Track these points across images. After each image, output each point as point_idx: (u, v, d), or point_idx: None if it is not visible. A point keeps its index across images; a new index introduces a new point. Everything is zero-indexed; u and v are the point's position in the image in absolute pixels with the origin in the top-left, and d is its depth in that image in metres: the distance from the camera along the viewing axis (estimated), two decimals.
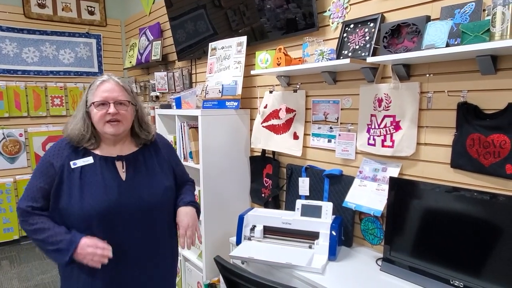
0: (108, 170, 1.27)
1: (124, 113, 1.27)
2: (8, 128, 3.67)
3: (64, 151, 1.28)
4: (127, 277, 1.27)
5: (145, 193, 1.29)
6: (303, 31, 2.06)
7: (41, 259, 3.48)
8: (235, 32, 2.54)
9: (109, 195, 1.23)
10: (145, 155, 1.37)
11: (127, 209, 1.25)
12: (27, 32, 3.68)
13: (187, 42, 3.05)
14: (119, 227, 1.24)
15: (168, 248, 1.38)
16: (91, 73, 4.12)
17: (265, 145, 2.36)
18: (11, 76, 3.65)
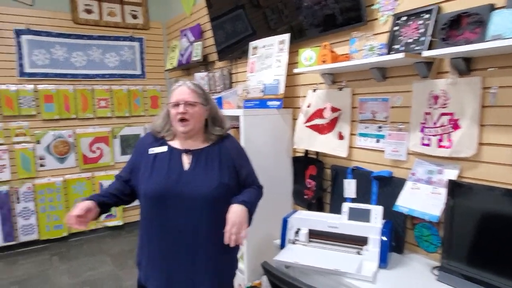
0: (175, 160, 1.47)
1: (192, 112, 1.46)
2: (59, 129, 3.85)
3: (147, 140, 1.57)
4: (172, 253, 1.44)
5: (199, 185, 1.43)
6: (349, 26, 1.97)
7: (89, 255, 3.62)
8: (274, 31, 2.50)
9: (169, 181, 1.42)
10: (209, 152, 1.51)
11: (180, 195, 1.41)
12: (76, 37, 3.84)
13: (227, 42, 3.04)
14: (171, 210, 1.42)
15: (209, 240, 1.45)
16: (134, 75, 4.23)
17: (309, 145, 2.29)
18: (61, 80, 3.83)
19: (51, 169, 3.85)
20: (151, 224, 1.47)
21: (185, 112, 1.45)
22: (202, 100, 1.50)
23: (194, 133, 1.51)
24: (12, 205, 3.65)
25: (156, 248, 1.46)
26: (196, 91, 1.50)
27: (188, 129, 1.47)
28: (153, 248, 1.47)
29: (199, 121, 1.50)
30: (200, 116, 1.50)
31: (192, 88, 1.50)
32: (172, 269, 1.45)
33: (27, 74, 3.66)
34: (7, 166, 3.60)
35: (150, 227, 1.47)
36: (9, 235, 3.64)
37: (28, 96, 3.66)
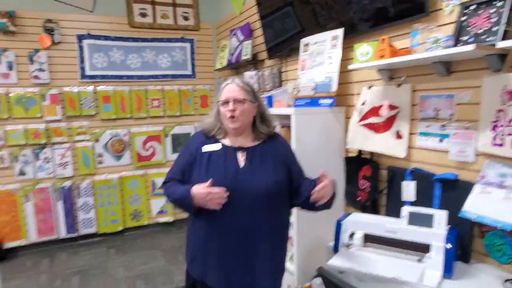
0: (230, 157, 1.50)
1: (241, 109, 1.48)
2: (115, 128, 4.04)
3: (199, 138, 1.58)
4: (231, 249, 1.46)
5: (256, 182, 1.45)
6: (409, 18, 1.85)
7: (142, 250, 3.76)
8: (323, 28, 2.42)
9: (226, 178, 1.45)
10: (262, 150, 1.53)
11: (238, 192, 1.43)
12: (131, 40, 4.01)
13: (277, 40, 3.01)
14: (228, 205, 1.43)
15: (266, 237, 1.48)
16: (185, 75, 4.33)
17: (363, 145, 2.19)
18: (117, 82, 4.02)
19: (108, 166, 4.05)
20: (208, 221, 1.48)
21: (234, 109, 1.47)
22: (250, 97, 1.52)
23: (243, 129, 1.53)
24: (74, 200, 3.90)
25: (214, 245, 1.48)
26: (244, 88, 1.52)
27: (238, 126, 1.50)
28: (211, 245, 1.49)
29: (247, 118, 1.52)
30: (249, 113, 1.52)
31: (241, 85, 1.52)
32: (231, 266, 1.47)
33: (87, 77, 3.88)
34: (69, 163, 3.85)
35: (208, 224, 1.49)
36: (72, 227, 3.89)
37: (88, 97, 3.88)
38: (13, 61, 3.57)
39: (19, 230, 3.68)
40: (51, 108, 3.73)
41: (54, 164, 3.79)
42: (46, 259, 3.59)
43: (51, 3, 3.69)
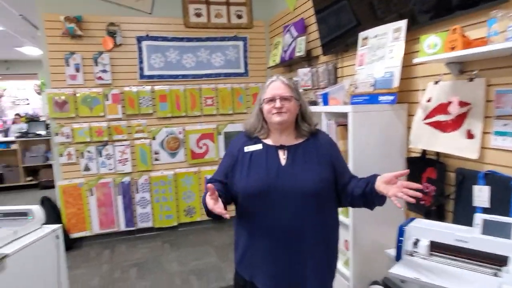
0: (272, 156, 1.47)
1: (287, 106, 1.46)
2: (170, 126, 4.17)
3: (241, 140, 1.57)
4: (278, 249, 1.43)
5: (299, 179, 1.41)
6: (485, 5, 1.66)
7: (195, 246, 3.84)
8: (381, 21, 2.28)
9: (269, 177, 1.42)
10: (305, 147, 1.50)
11: (281, 190, 1.41)
12: (187, 40, 4.11)
13: (332, 35, 2.89)
14: (273, 205, 1.41)
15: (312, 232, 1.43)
16: (238, 74, 4.35)
17: (428, 144, 2.02)
18: (173, 81, 4.14)
19: (164, 163, 4.19)
20: (252, 222, 1.46)
21: (281, 107, 1.45)
22: (295, 95, 1.50)
23: (287, 126, 1.51)
24: (132, 195, 4.08)
25: (259, 246, 1.45)
26: (290, 85, 1.50)
27: (284, 120, 1.46)
28: (256, 246, 1.46)
29: (292, 115, 1.49)
30: (294, 110, 1.50)
31: (286, 83, 1.50)
32: (276, 268, 1.44)
33: (146, 77, 4.04)
34: (129, 160, 4.03)
35: (252, 225, 1.46)
36: (130, 221, 4.08)
37: (146, 96, 4.03)
38: (80, 63, 3.82)
39: (84, 221, 3.93)
40: (112, 107, 3.93)
41: (115, 160, 3.99)
42: (107, 250, 3.80)
43: (114, 7, 3.89)
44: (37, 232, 1.99)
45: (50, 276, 2.04)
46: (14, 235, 1.85)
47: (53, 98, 3.76)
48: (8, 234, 1.82)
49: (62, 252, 2.13)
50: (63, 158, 3.83)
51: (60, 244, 2.11)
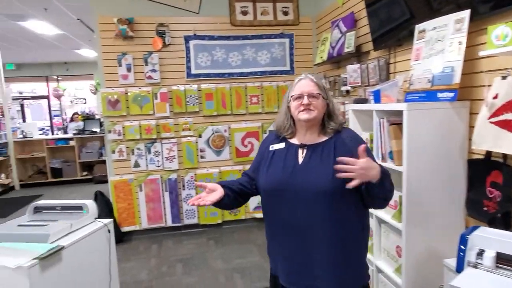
0: (290, 154, 1.50)
1: (315, 103, 1.46)
2: (216, 125, 4.21)
3: (270, 138, 1.63)
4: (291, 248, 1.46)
5: (312, 178, 1.41)
6: None
7: (238, 243, 3.85)
8: (438, 12, 2.11)
9: (283, 174, 1.46)
10: (325, 146, 1.48)
11: (294, 188, 1.42)
12: (233, 38, 4.12)
13: (384, 29, 2.74)
14: (286, 202, 1.44)
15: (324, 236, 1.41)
16: (284, 71, 4.29)
17: (494, 145, 1.83)
18: (219, 79, 4.17)
19: (209, 161, 4.24)
20: (270, 218, 1.53)
21: (309, 104, 1.45)
22: (323, 93, 1.49)
23: (314, 123, 1.50)
24: (179, 191, 4.17)
25: (277, 242, 1.52)
26: (318, 84, 1.50)
27: (312, 117, 1.45)
28: (275, 242, 1.53)
29: (320, 113, 1.48)
30: (322, 109, 1.48)
31: (315, 81, 1.50)
32: (290, 266, 1.47)
33: (193, 75, 4.10)
34: (175, 157, 4.12)
35: (270, 221, 1.53)
36: (177, 217, 4.17)
37: (193, 95, 4.10)
38: (131, 64, 3.96)
39: (134, 216, 4.08)
40: (161, 105, 4.04)
41: (162, 158, 4.10)
42: (155, 244, 3.91)
43: (163, 8, 3.99)
44: (90, 226, 2.07)
45: (101, 268, 2.12)
46: (70, 228, 1.93)
47: (106, 97, 3.94)
48: (65, 227, 1.90)
49: (113, 246, 2.21)
50: (115, 154, 4.00)
51: (111, 238, 2.19)
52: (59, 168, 7.41)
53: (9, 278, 1.57)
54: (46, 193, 6.63)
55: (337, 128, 1.51)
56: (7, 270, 1.55)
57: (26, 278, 1.56)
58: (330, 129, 1.50)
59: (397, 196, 2.13)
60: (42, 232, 1.80)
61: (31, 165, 7.51)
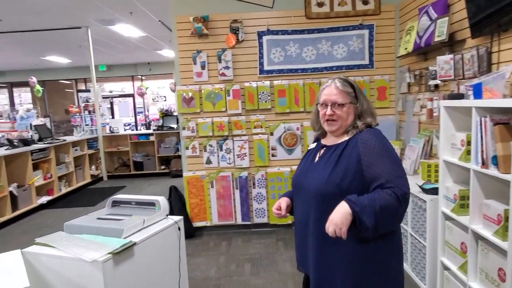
0: (313, 154, 1.56)
1: (339, 113, 1.44)
2: (288, 122, 4.07)
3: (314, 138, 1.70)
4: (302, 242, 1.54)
5: (313, 179, 1.45)
6: None
7: None
8: None
9: (300, 173, 1.55)
10: (337, 148, 1.46)
11: (301, 186, 1.50)
12: (307, 32, 3.93)
13: (486, 12, 2.34)
14: (299, 198, 1.53)
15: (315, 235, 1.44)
16: (362, 65, 3.99)
17: None
18: (292, 75, 4.02)
19: (281, 159, 4.12)
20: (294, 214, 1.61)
21: (332, 114, 1.44)
22: (351, 99, 1.46)
23: (342, 131, 1.49)
24: (249, 189, 4.13)
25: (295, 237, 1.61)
26: (345, 90, 1.45)
27: (335, 129, 1.48)
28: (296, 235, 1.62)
29: (346, 121, 1.47)
30: (348, 116, 1.46)
31: (341, 88, 1.45)
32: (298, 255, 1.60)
33: (265, 72, 4.02)
34: (247, 155, 4.08)
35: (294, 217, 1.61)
36: (246, 215, 4.14)
37: (265, 91, 4.01)
38: (205, 61, 4.00)
39: (205, 212, 4.14)
40: (233, 102, 4.02)
41: (233, 155, 4.09)
42: (224, 241, 3.92)
43: (237, 4, 3.96)
44: (162, 223, 2.08)
45: (171, 264, 2.12)
46: (142, 224, 1.96)
47: (181, 95, 4.04)
48: (138, 223, 1.93)
49: (182, 243, 2.20)
50: (188, 151, 4.09)
51: (181, 235, 2.18)
52: (141, 161, 7.93)
53: (85, 270, 1.63)
54: (129, 185, 7.13)
55: (362, 129, 1.46)
56: (83, 263, 1.61)
57: (100, 271, 1.61)
58: (354, 129, 1.47)
59: (502, 210, 1.79)
60: (117, 227, 1.85)
61: (117, 158, 8.16)
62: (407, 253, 2.94)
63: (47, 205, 5.74)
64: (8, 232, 4.67)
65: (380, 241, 1.37)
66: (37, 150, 5.61)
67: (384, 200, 1.27)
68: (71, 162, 6.61)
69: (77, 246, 1.73)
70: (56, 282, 1.72)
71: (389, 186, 1.30)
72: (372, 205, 1.26)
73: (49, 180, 5.89)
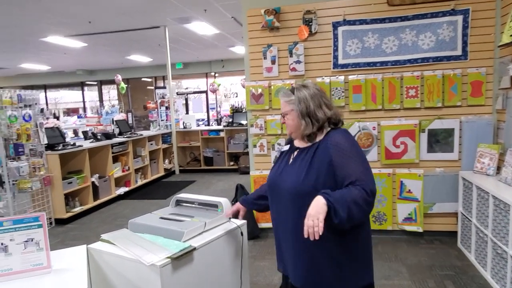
0: (286, 156, 1.67)
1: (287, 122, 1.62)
2: (363, 121, 3.73)
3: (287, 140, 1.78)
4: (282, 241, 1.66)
5: (287, 180, 1.56)
6: None
7: (384, 260, 3.33)
8: None
9: (275, 174, 1.65)
10: (309, 150, 1.57)
11: (277, 188, 1.61)
12: (389, 21, 3.55)
13: None
14: (274, 199, 1.65)
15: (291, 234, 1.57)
16: (452, 57, 3.49)
17: None
18: (370, 69, 3.67)
19: None
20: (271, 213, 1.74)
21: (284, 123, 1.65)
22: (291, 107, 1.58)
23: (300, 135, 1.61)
24: None
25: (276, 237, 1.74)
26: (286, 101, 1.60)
27: (290, 134, 1.66)
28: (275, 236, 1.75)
29: (294, 126, 1.60)
30: (293, 121, 1.59)
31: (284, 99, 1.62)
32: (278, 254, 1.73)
33: (339, 66, 3.72)
34: None
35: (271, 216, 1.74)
36: None
37: (339, 87, 3.73)
38: (275, 55, 3.84)
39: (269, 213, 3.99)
40: None
41: None
42: None
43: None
44: (224, 226, 1.96)
45: (232, 271, 2.00)
46: (203, 227, 1.86)
47: (250, 91, 3.93)
48: (199, 226, 1.84)
49: (245, 249, 2.06)
50: (256, 149, 3.97)
51: (244, 240, 2.05)
52: (211, 157, 8.08)
53: (143, 272, 1.58)
54: (199, 180, 7.30)
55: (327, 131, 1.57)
56: (142, 265, 1.55)
57: (157, 275, 1.54)
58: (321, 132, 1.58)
59: None
60: (178, 229, 1.77)
61: (189, 153, 8.43)
62: (486, 258, 2.78)
63: (124, 196, 6.09)
64: (89, 221, 5.03)
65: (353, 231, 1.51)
66: (117, 143, 5.97)
67: (354, 194, 1.41)
68: (146, 156, 6.96)
69: (138, 247, 1.68)
70: (116, 281, 1.69)
71: (358, 184, 1.43)
72: (344, 197, 1.39)
73: (126, 172, 6.25)
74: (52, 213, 4.75)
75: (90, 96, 15.81)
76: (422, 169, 3.65)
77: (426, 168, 3.66)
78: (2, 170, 4.07)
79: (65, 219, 4.85)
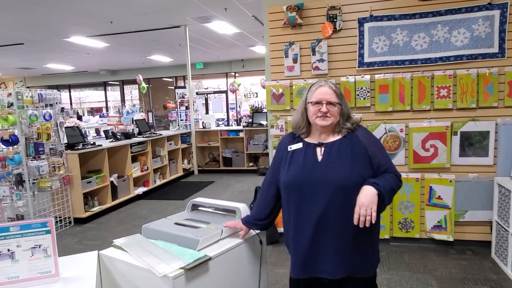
0: (309, 153, 1.64)
1: (332, 111, 1.61)
2: (390, 122, 3.54)
3: (287, 139, 1.75)
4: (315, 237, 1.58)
5: (332, 174, 1.55)
6: None
7: (411, 270, 3.13)
8: None
9: (304, 171, 1.60)
10: (341, 144, 1.61)
11: (315, 183, 1.57)
12: (419, 16, 3.33)
13: None
14: (307, 197, 1.59)
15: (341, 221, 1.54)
16: (488, 54, 3.25)
17: None
18: (398, 68, 3.47)
19: None
20: (288, 211, 1.66)
21: (327, 111, 1.58)
22: (339, 101, 1.61)
23: (331, 128, 1.63)
24: None
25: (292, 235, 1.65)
26: (336, 92, 1.62)
27: (328, 124, 1.60)
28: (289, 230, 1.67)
29: (336, 119, 1.61)
30: (337, 114, 1.61)
31: (334, 89, 1.62)
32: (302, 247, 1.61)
33: (365, 64, 3.54)
34: None
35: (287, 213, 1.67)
36: None
37: (364, 87, 3.54)
38: (298, 54, 3.69)
39: None
40: None
41: None
42: None
43: None
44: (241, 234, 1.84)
45: (249, 282, 1.87)
46: (220, 235, 1.74)
47: (271, 90, 3.79)
48: (215, 233, 1.72)
49: (264, 258, 1.94)
50: None
51: (263, 249, 1.92)
52: (230, 157, 7.99)
53: (155, 283, 1.48)
54: (217, 180, 7.22)
55: (351, 128, 1.63)
56: (154, 275, 1.45)
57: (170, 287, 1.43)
58: (345, 129, 1.63)
59: None
60: (193, 236, 1.66)
61: (208, 153, 8.37)
62: None
63: (143, 196, 6.07)
64: (107, 220, 5.01)
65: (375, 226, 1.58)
66: (136, 143, 5.96)
67: (392, 181, 1.57)
68: (165, 156, 6.93)
69: (150, 255, 1.58)
70: None
71: (391, 171, 1.60)
72: (388, 186, 1.53)
73: (145, 172, 6.23)
74: (71, 213, 4.76)
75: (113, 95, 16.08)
76: (453, 174, 3.42)
77: (458, 173, 3.43)
78: (23, 169, 4.08)
79: (84, 219, 4.84)
